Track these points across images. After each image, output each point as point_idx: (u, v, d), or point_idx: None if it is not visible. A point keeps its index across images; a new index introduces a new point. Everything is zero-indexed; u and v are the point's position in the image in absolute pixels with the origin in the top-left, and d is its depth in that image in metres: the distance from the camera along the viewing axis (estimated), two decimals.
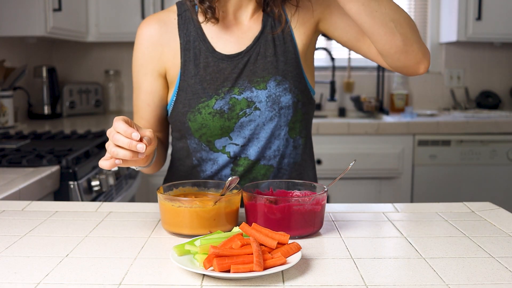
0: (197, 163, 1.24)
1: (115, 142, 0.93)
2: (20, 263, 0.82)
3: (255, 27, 1.22)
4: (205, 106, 1.17)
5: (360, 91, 3.43)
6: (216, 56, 1.19)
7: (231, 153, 1.21)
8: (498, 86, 3.52)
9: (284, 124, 1.20)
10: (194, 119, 1.18)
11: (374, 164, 2.87)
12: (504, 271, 0.79)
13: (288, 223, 0.93)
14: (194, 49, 1.20)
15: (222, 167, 1.22)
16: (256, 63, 1.19)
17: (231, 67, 1.19)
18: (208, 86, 1.18)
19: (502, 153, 2.92)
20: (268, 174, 1.23)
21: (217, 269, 0.75)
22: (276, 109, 1.18)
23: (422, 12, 3.51)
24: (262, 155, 1.21)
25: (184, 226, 0.94)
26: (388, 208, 1.14)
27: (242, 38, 1.21)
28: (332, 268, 0.81)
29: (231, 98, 1.18)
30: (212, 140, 1.20)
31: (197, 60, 1.19)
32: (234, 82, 1.18)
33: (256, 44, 1.20)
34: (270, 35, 1.21)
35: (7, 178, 1.48)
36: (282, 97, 1.18)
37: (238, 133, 1.19)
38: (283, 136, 1.21)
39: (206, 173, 1.24)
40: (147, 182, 2.86)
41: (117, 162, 0.94)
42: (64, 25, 2.71)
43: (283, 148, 1.22)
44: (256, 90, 1.18)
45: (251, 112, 1.18)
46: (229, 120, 1.18)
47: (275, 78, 1.18)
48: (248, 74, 1.19)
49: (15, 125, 2.68)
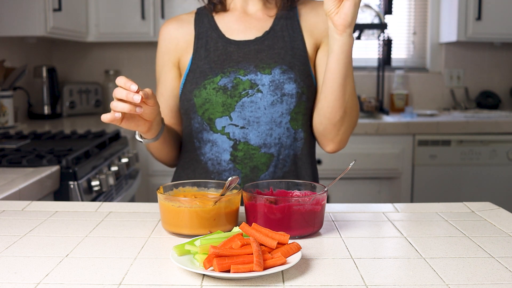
0: (198, 145, 1.27)
1: (115, 95, 0.99)
2: (20, 263, 0.82)
3: (267, 21, 1.30)
4: (210, 82, 1.23)
5: (360, 91, 3.43)
6: (225, 41, 1.28)
7: (230, 134, 1.23)
8: (498, 86, 3.52)
9: (286, 112, 1.23)
10: (199, 95, 1.24)
11: (374, 164, 2.88)
12: (504, 271, 0.79)
13: (288, 223, 0.93)
14: (207, 38, 1.29)
15: (222, 151, 1.24)
16: (263, 52, 1.25)
17: (238, 51, 1.26)
18: (215, 65, 1.25)
19: (502, 153, 2.92)
20: (269, 163, 1.24)
21: (217, 269, 0.75)
22: (278, 94, 1.22)
23: (422, 12, 3.51)
24: (263, 142, 1.23)
25: (184, 226, 0.94)
26: (388, 208, 1.14)
27: (252, 28, 1.29)
28: (332, 268, 0.81)
29: (235, 77, 1.23)
30: (213, 118, 1.23)
31: (208, 45, 1.28)
32: (239, 64, 1.24)
33: (266, 36, 1.27)
34: (281, 33, 1.28)
35: (7, 178, 1.48)
36: (285, 84, 1.22)
37: (239, 113, 1.22)
38: (284, 125, 1.24)
39: (206, 156, 1.26)
40: (147, 182, 2.86)
41: (116, 115, 1.00)
42: (64, 25, 2.71)
43: (284, 138, 1.24)
44: (261, 74, 1.23)
45: (253, 94, 1.22)
46: (231, 98, 1.22)
47: (281, 66, 1.24)
48: (254, 60, 1.25)
49: (15, 125, 2.68)
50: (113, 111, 1.00)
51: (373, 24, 3.18)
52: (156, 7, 3.05)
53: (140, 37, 3.10)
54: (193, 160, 1.29)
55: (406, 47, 3.55)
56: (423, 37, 3.53)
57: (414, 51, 3.55)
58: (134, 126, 1.07)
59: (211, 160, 1.25)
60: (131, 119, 1.05)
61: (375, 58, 3.45)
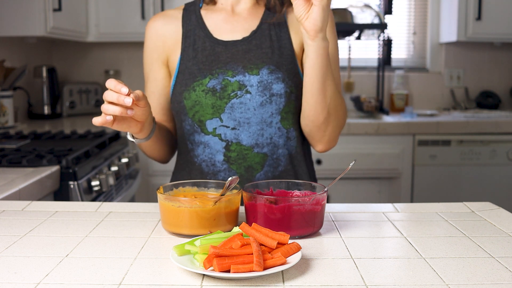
0: (191, 147, 1.28)
1: (106, 98, 0.98)
2: (20, 263, 0.82)
3: (254, 21, 1.29)
4: (199, 84, 1.23)
5: (360, 91, 3.43)
6: (213, 41, 1.27)
7: (222, 135, 1.23)
8: (498, 86, 3.52)
9: (276, 112, 1.23)
10: (189, 97, 1.23)
11: (374, 164, 2.87)
12: (504, 271, 0.79)
13: (288, 223, 0.93)
14: (194, 36, 1.28)
15: (215, 152, 1.24)
16: (251, 52, 1.25)
17: (226, 52, 1.25)
18: (204, 67, 1.24)
19: (502, 153, 2.92)
20: (263, 162, 1.24)
21: (217, 269, 0.75)
22: (267, 94, 1.22)
23: (422, 12, 3.51)
24: (255, 142, 1.24)
25: (184, 226, 0.94)
26: (388, 208, 1.14)
27: (239, 28, 1.28)
28: (332, 268, 0.81)
29: (224, 79, 1.23)
30: (204, 121, 1.23)
31: (195, 45, 1.27)
32: (227, 65, 1.23)
33: (253, 36, 1.26)
34: (267, 31, 1.27)
35: (7, 178, 1.48)
36: (274, 84, 1.22)
37: (228, 115, 1.22)
38: (275, 125, 1.24)
39: (200, 158, 1.26)
40: (147, 182, 2.86)
41: (108, 119, 1.00)
42: (64, 25, 2.71)
43: (276, 137, 1.25)
44: (249, 75, 1.22)
45: (242, 95, 1.22)
46: (220, 99, 1.22)
47: (269, 67, 1.23)
48: (242, 61, 1.24)
49: (15, 125, 2.68)
50: (104, 114, 1.00)
51: (373, 24, 3.18)
52: (156, 7, 3.05)
53: (140, 37, 3.08)
54: (187, 162, 1.29)
55: (406, 47, 3.55)
56: (423, 37, 3.53)
57: (414, 51, 3.55)
58: (126, 127, 1.07)
59: (205, 161, 1.26)
60: (122, 121, 1.05)
61: (375, 58, 3.45)
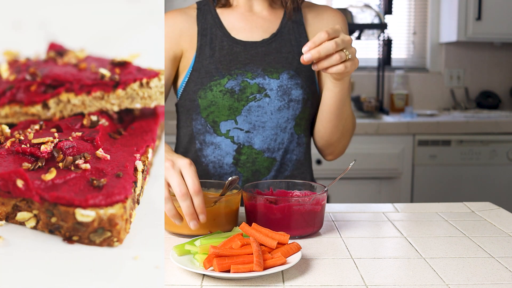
0: (199, 146, 1.25)
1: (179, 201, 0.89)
2: None
3: (273, 23, 1.27)
4: (217, 84, 1.20)
5: (360, 91, 3.43)
6: (231, 40, 1.24)
7: (234, 138, 1.22)
8: (498, 86, 3.52)
9: (292, 118, 1.23)
10: (205, 96, 1.21)
11: (374, 164, 2.87)
12: (504, 271, 0.79)
13: (288, 223, 0.93)
14: (211, 35, 1.25)
15: (225, 154, 1.22)
16: (270, 55, 1.23)
17: (245, 53, 1.23)
18: (222, 66, 1.22)
19: (502, 153, 2.92)
20: (271, 167, 1.23)
21: (217, 269, 0.75)
22: (285, 99, 1.21)
23: (422, 12, 3.51)
24: (267, 147, 1.22)
25: (184, 226, 0.94)
26: (388, 208, 1.14)
27: (257, 28, 1.26)
28: (332, 268, 0.81)
29: (243, 80, 1.21)
30: (218, 122, 1.22)
31: (212, 43, 1.24)
32: (247, 66, 1.22)
33: (273, 39, 1.25)
34: (287, 36, 1.25)
35: None
36: (293, 90, 1.21)
37: (244, 117, 1.21)
38: (289, 130, 1.23)
39: (208, 159, 1.24)
40: None
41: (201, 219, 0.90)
42: None
43: (287, 143, 1.24)
44: (269, 78, 1.21)
45: (261, 98, 1.21)
46: (238, 101, 1.20)
47: (289, 72, 1.22)
48: (262, 63, 1.22)
49: None
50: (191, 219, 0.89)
51: (373, 24, 3.18)
52: None
53: None
54: (194, 161, 1.26)
55: (406, 47, 3.55)
56: (423, 37, 3.53)
57: (414, 51, 3.55)
58: None
59: (213, 162, 1.23)
60: None
61: (375, 58, 3.45)
